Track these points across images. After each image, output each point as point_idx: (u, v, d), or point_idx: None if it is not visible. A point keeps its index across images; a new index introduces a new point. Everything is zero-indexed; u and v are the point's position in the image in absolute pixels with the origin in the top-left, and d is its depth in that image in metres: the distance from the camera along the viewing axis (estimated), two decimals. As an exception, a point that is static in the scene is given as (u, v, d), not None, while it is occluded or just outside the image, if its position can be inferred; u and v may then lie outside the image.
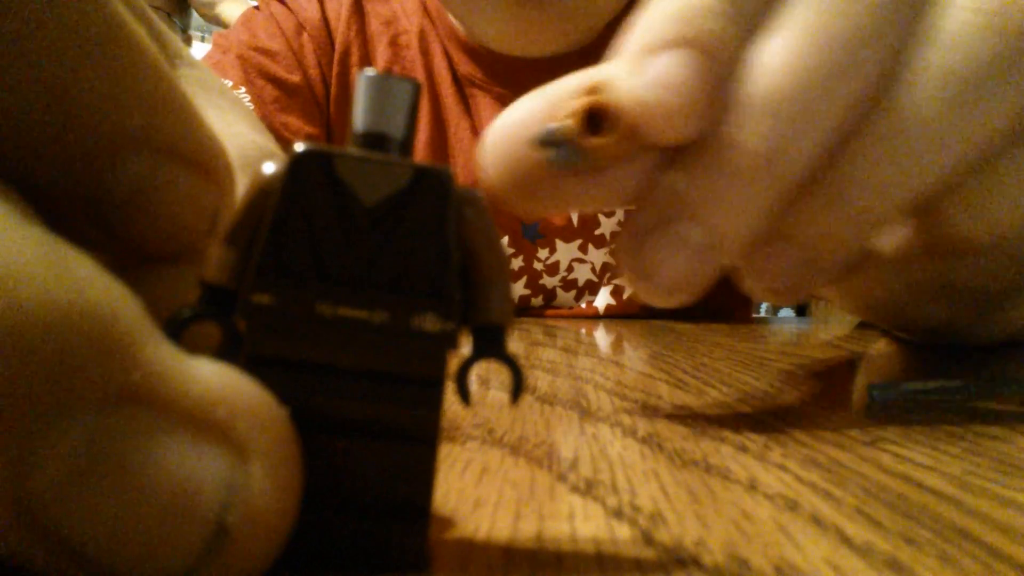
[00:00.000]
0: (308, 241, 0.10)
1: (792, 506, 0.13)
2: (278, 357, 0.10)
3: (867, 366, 0.33)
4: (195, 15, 2.26)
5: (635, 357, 0.35)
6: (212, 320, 0.10)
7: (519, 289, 0.68)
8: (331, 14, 0.66)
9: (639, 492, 0.14)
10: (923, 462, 0.16)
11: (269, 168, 0.10)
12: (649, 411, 0.21)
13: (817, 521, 0.12)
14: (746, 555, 0.11)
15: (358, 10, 0.66)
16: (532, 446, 0.17)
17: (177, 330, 0.10)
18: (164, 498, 0.08)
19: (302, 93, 0.64)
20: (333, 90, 0.65)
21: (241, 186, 0.10)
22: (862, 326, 0.56)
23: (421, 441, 0.10)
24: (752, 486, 0.14)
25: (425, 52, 0.65)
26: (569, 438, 0.18)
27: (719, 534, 0.11)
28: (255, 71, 0.63)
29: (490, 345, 0.11)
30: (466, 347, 0.11)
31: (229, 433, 0.08)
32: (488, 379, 0.26)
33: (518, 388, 0.11)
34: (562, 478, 0.14)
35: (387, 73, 0.10)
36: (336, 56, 0.65)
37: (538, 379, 0.27)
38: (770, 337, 0.47)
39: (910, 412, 0.21)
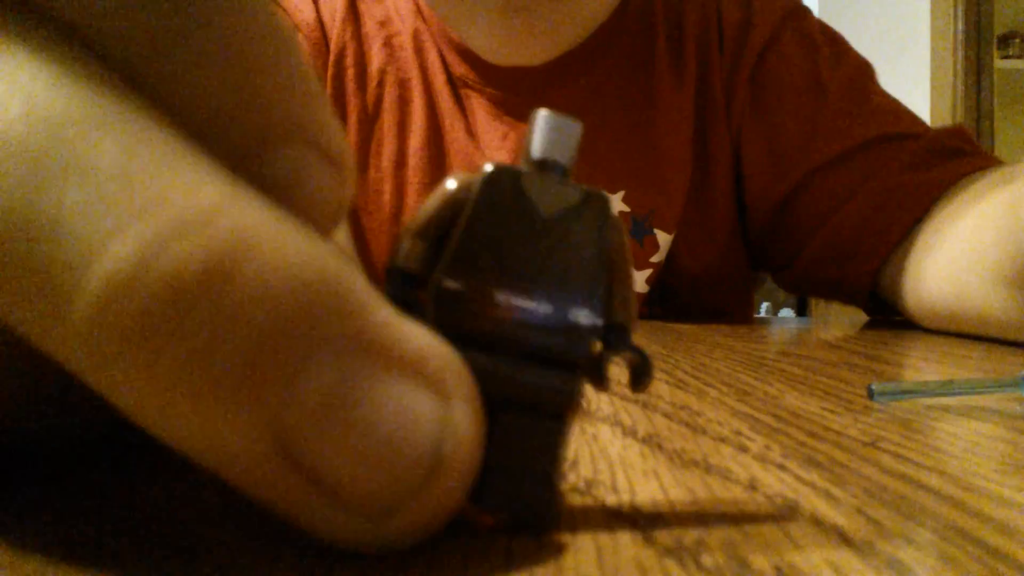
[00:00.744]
0: (494, 240, 0.12)
1: (792, 506, 0.13)
2: (458, 334, 0.11)
3: (868, 366, 0.33)
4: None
5: (635, 357, 0.35)
6: (394, 301, 0.11)
7: None
8: (326, 15, 0.66)
9: (639, 492, 0.14)
10: (923, 462, 0.16)
11: (452, 184, 0.12)
12: (649, 411, 0.21)
13: (817, 521, 0.12)
14: (746, 555, 0.11)
15: (352, 11, 0.66)
16: (532, 446, 0.17)
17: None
18: (393, 430, 0.09)
19: None
20: (328, 92, 0.65)
21: None
22: (871, 325, 0.56)
23: (560, 418, 0.12)
24: (752, 486, 0.14)
25: (419, 52, 0.65)
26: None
27: (719, 534, 0.11)
28: None
29: (620, 339, 0.12)
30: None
31: (439, 382, 0.10)
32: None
33: (646, 376, 0.13)
34: (562, 478, 0.14)
35: (560, 113, 0.12)
36: (331, 58, 0.64)
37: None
38: (770, 337, 0.47)
39: (910, 412, 0.21)
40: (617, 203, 0.62)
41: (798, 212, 0.61)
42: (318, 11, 0.65)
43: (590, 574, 0.10)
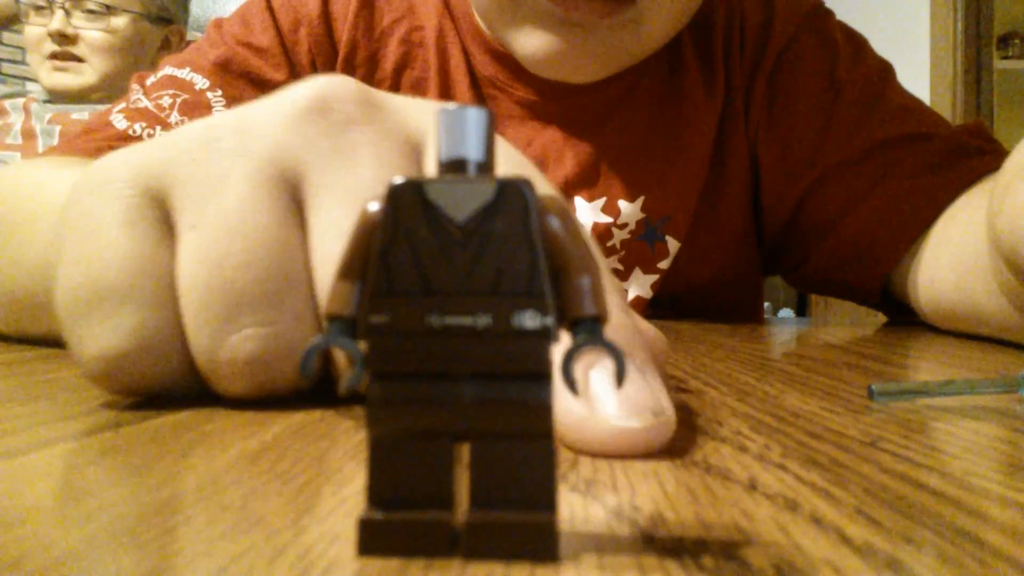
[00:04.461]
0: (412, 261, 0.11)
1: (792, 506, 0.13)
2: (400, 371, 0.11)
3: (867, 366, 0.33)
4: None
5: (635, 357, 0.35)
6: (337, 347, 0.11)
7: None
8: (336, 9, 0.62)
9: (639, 492, 0.14)
10: (923, 462, 0.16)
11: (374, 206, 0.11)
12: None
13: (817, 521, 0.12)
14: (746, 555, 0.11)
15: (367, 5, 0.63)
16: (532, 446, 0.17)
17: (307, 360, 0.11)
18: None
19: None
20: None
21: None
22: (891, 325, 0.56)
23: (537, 435, 0.11)
24: (752, 486, 0.14)
25: (442, 52, 0.62)
26: (569, 438, 0.18)
27: (719, 534, 0.11)
28: (237, 71, 0.60)
29: (589, 336, 0.11)
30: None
31: None
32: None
33: (621, 373, 0.11)
34: (562, 478, 0.14)
35: (461, 105, 0.11)
36: (340, 56, 0.63)
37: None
38: (770, 337, 0.47)
39: (910, 411, 0.21)
40: (635, 210, 0.61)
41: (811, 213, 0.61)
42: (326, 5, 0.63)
43: (590, 574, 0.10)
